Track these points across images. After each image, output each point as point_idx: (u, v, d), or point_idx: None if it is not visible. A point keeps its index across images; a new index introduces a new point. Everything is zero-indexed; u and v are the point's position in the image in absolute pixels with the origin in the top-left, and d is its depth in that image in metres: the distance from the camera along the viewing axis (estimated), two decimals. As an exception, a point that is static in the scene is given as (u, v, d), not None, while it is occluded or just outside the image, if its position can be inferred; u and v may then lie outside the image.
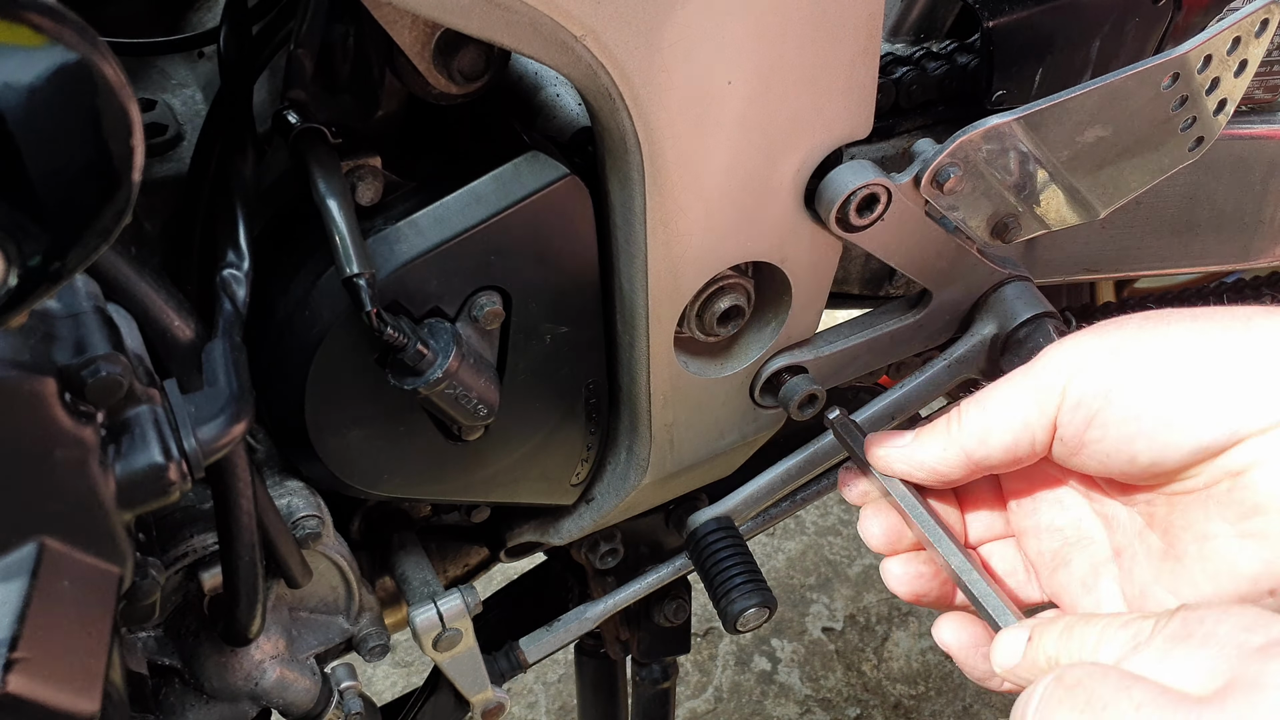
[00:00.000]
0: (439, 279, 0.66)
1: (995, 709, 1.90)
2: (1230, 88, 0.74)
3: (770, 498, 0.84)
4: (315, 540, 0.71)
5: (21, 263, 0.38)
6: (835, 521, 2.24)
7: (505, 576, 1.16)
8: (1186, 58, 0.70)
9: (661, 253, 0.68)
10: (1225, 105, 0.75)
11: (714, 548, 0.82)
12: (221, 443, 0.54)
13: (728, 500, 0.84)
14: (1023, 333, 0.80)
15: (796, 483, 0.85)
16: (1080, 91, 0.70)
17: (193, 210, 0.69)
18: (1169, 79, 0.71)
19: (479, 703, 0.89)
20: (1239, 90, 0.74)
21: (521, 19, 0.56)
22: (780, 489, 0.84)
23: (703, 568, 0.83)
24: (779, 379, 0.79)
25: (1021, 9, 0.79)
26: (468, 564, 0.99)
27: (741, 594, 0.80)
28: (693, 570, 0.95)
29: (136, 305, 0.57)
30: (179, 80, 0.78)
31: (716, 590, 0.81)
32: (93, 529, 0.50)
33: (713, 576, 0.82)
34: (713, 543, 0.82)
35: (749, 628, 0.82)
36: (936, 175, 0.70)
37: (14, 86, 0.36)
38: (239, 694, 0.74)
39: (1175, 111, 0.72)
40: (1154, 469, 0.54)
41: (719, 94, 0.63)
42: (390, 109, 0.69)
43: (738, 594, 0.80)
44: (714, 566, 0.82)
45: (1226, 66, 0.72)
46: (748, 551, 0.83)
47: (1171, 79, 0.71)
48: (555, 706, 1.91)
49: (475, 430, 0.72)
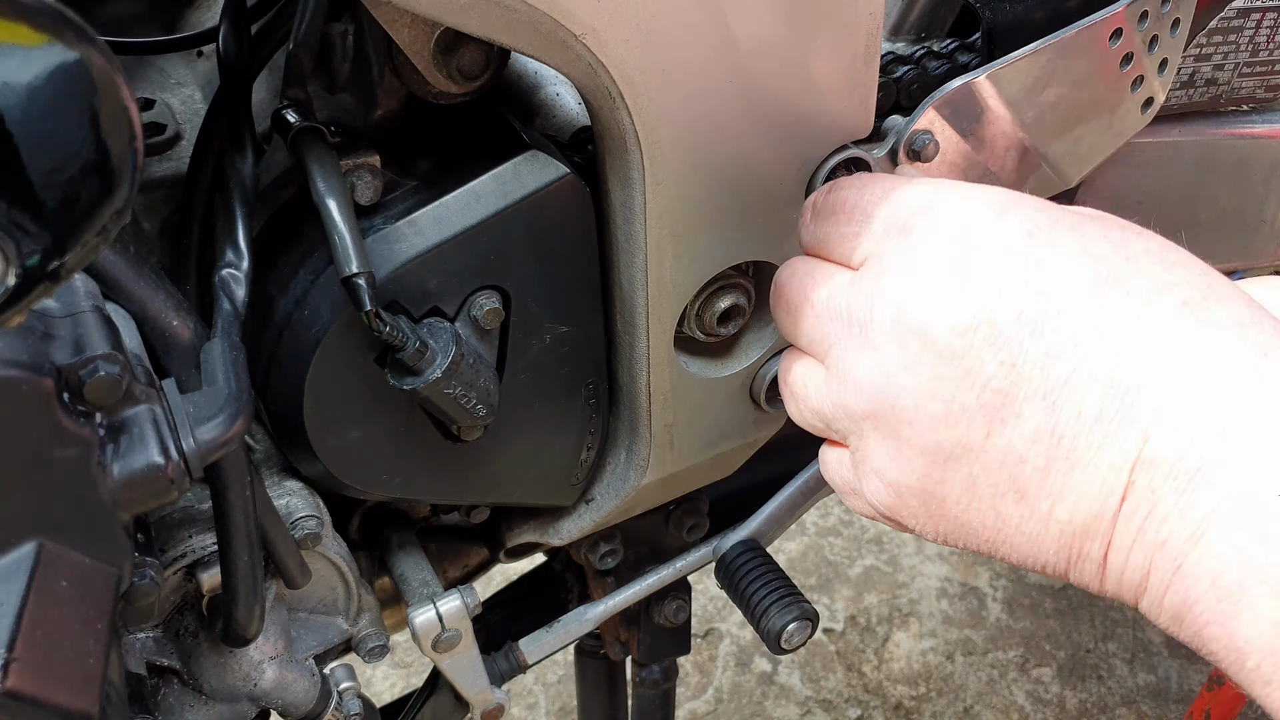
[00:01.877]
0: (438, 278, 0.66)
1: (996, 710, 1.91)
2: (1169, 46, 0.76)
3: (793, 515, 0.84)
4: (314, 541, 0.71)
5: (20, 262, 0.38)
6: (836, 522, 2.24)
7: (505, 577, 1.16)
8: (1124, 13, 0.73)
9: (661, 252, 0.68)
10: (1166, 65, 0.76)
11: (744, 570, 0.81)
12: (220, 443, 0.54)
13: (751, 522, 0.83)
14: None
15: (818, 497, 0.85)
16: (1034, 48, 0.72)
17: (191, 209, 0.69)
18: (1111, 34, 0.72)
19: (478, 704, 0.89)
20: (1178, 50, 0.76)
21: (521, 18, 0.56)
22: (801, 504, 0.84)
23: (736, 593, 0.82)
24: None
25: (1022, 8, 0.80)
26: (467, 565, 0.99)
27: (779, 610, 0.78)
28: (693, 571, 0.95)
29: (135, 305, 0.57)
30: (178, 79, 0.78)
31: (754, 613, 0.79)
32: (91, 529, 0.50)
33: (747, 599, 0.80)
34: (742, 565, 0.81)
35: (794, 645, 0.79)
36: (912, 144, 0.71)
37: (13, 86, 0.36)
38: (237, 694, 0.73)
39: (1124, 71, 0.74)
40: None
41: (719, 93, 0.63)
42: (390, 108, 0.69)
43: (775, 610, 0.78)
44: (747, 589, 0.80)
45: (1161, 23, 0.74)
46: (779, 570, 0.81)
47: (1114, 34, 0.73)
48: (555, 708, 1.91)
49: (475, 430, 0.72)
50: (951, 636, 2.03)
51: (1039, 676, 1.96)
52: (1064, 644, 2.01)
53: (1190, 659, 1.97)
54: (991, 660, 1.99)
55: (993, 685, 1.95)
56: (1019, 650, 2.00)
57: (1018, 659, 1.99)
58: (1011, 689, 1.94)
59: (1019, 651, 2.00)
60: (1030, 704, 1.91)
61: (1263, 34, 0.89)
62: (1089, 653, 1.99)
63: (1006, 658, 1.99)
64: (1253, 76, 0.92)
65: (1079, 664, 1.98)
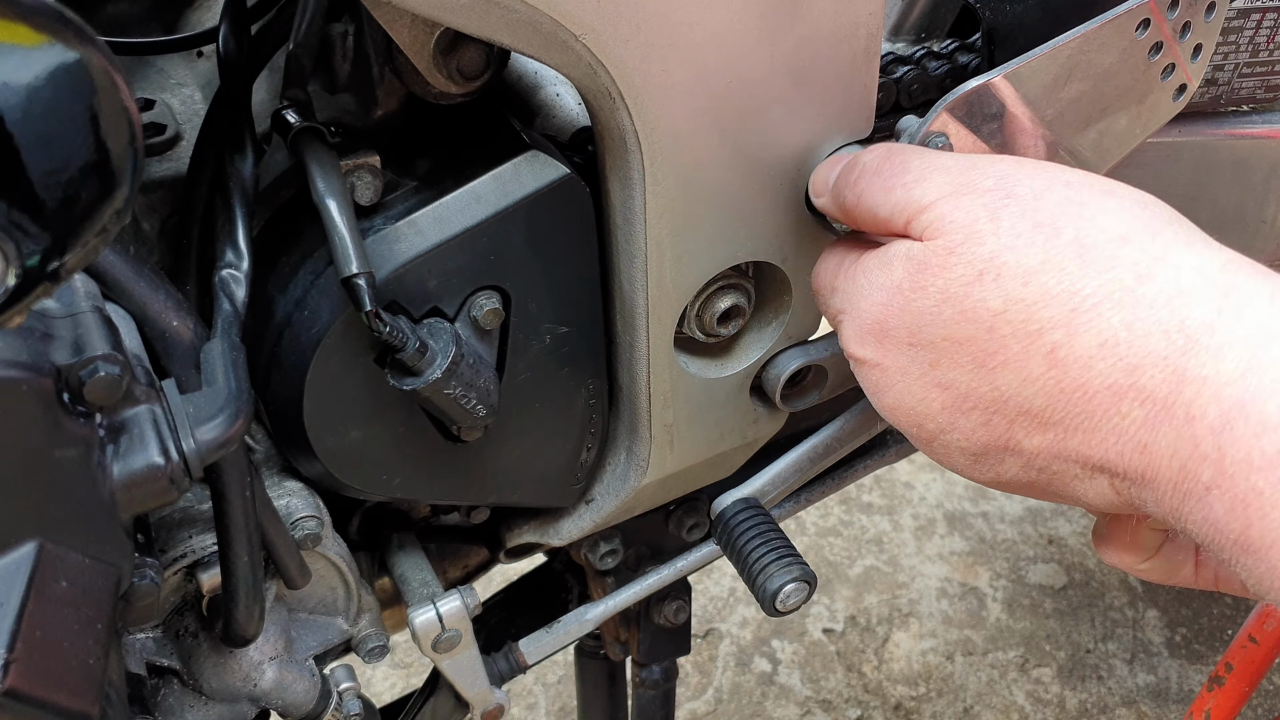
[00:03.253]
0: (438, 279, 0.66)
1: (996, 710, 1.90)
2: (1204, 32, 0.74)
3: (797, 476, 0.80)
4: (314, 541, 0.71)
5: (20, 262, 0.38)
6: (835, 523, 2.24)
7: (505, 577, 1.16)
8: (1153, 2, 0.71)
9: (661, 252, 0.68)
10: (1200, 51, 0.75)
11: (742, 528, 0.77)
12: (220, 443, 0.54)
13: (754, 481, 0.80)
14: None
15: (824, 462, 0.81)
16: (1054, 45, 0.70)
17: (191, 210, 0.69)
18: (1139, 26, 0.71)
19: (478, 704, 0.89)
20: (1213, 35, 0.75)
21: (521, 18, 0.56)
22: (808, 469, 0.80)
23: (733, 550, 0.78)
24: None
25: (1022, 8, 0.79)
26: (467, 565, 0.99)
27: (778, 569, 0.75)
28: (693, 572, 0.94)
29: (135, 305, 0.57)
30: (178, 79, 0.78)
31: (750, 571, 0.76)
32: (91, 529, 0.50)
33: (744, 558, 0.77)
34: (741, 523, 0.77)
35: (789, 606, 0.76)
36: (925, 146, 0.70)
37: (13, 86, 0.36)
38: (237, 695, 0.73)
39: (1153, 60, 0.73)
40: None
41: (719, 93, 0.63)
42: (390, 108, 0.69)
43: (774, 569, 0.75)
44: (744, 547, 0.77)
45: (1195, 8, 0.73)
46: (779, 530, 0.78)
47: (1142, 25, 0.71)
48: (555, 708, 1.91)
49: (475, 431, 0.72)
50: (951, 637, 2.03)
51: (1039, 677, 1.96)
52: (1064, 644, 2.01)
53: (1190, 659, 1.98)
54: (991, 660, 1.99)
55: (992, 685, 1.95)
56: (1019, 650, 2.00)
57: (1018, 659, 1.99)
58: (1011, 689, 1.94)
59: (1019, 652, 2.00)
60: (1030, 704, 1.91)
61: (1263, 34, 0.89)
62: (1089, 653, 1.99)
63: (1006, 658, 1.99)
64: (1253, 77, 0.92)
65: (1079, 664, 1.98)
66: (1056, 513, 2.25)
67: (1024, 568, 2.14)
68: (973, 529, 2.21)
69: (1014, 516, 2.24)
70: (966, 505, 2.26)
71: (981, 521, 2.23)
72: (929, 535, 2.20)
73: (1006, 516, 2.24)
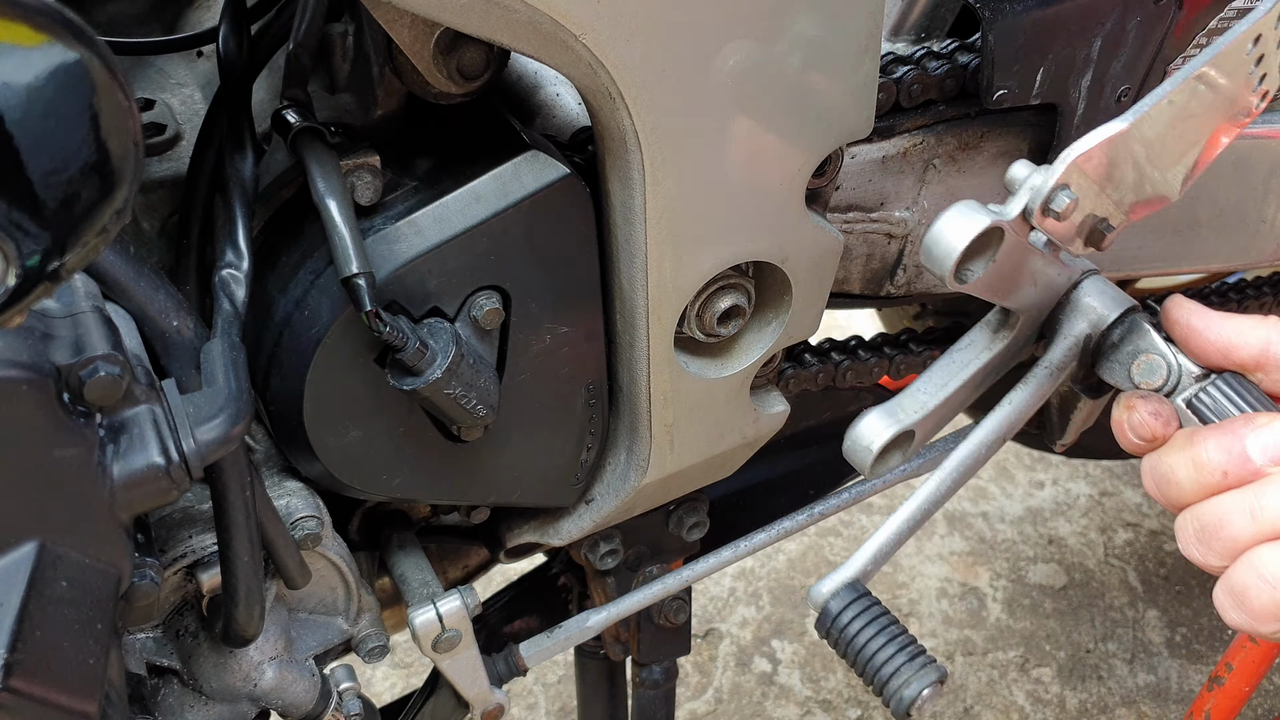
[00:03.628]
0: (438, 279, 0.66)
1: (996, 710, 1.90)
2: None
3: (897, 547, 0.72)
4: (314, 541, 0.71)
5: (20, 262, 0.38)
6: (836, 523, 2.24)
7: (505, 577, 1.16)
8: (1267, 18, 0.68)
9: (661, 252, 0.68)
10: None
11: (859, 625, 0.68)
12: (220, 443, 0.54)
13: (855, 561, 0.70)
14: (1116, 334, 0.72)
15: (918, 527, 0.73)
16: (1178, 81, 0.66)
17: (191, 209, 0.69)
18: (1252, 43, 0.68)
19: (478, 704, 0.89)
20: None
21: (521, 18, 0.56)
22: (907, 536, 0.72)
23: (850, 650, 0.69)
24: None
25: (1022, 8, 0.79)
26: (467, 565, 0.99)
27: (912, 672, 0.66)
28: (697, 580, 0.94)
29: (135, 305, 0.57)
30: (178, 79, 0.78)
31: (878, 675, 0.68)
32: (91, 529, 0.50)
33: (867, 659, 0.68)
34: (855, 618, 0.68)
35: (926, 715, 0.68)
36: (1049, 204, 0.62)
37: (13, 86, 0.36)
38: (238, 695, 0.73)
39: (1252, 73, 0.70)
40: None
41: (719, 93, 0.63)
42: (390, 108, 0.69)
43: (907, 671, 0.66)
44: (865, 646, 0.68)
45: None
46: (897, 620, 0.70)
47: (1254, 41, 0.68)
48: (555, 708, 1.91)
49: (475, 430, 0.72)
50: (951, 637, 2.03)
51: (1039, 677, 1.96)
52: (1064, 644, 2.01)
53: (1190, 659, 1.97)
54: (991, 660, 1.99)
55: (993, 685, 1.94)
56: (1019, 650, 2.00)
57: (1017, 659, 1.98)
58: (1011, 689, 1.94)
59: (1019, 652, 2.00)
60: (1030, 704, 1.91)
61: (1263, 34, 0.89)
62: (1089, 653, 1.99)
63: (1006, 658, 1.99)
64: (1253, 77, 0.92)
65: (1079, 664, 1.98)
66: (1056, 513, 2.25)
67: (1024, 568, 2.14)
68: (973, 529, 2.21)
69: (1014, 517, 2.24)
70: (967, 505, 2.26)
71: (981, 522, 2.23)
72: (929, 535, 2.20)
73: (1006, 517, 2.24)
